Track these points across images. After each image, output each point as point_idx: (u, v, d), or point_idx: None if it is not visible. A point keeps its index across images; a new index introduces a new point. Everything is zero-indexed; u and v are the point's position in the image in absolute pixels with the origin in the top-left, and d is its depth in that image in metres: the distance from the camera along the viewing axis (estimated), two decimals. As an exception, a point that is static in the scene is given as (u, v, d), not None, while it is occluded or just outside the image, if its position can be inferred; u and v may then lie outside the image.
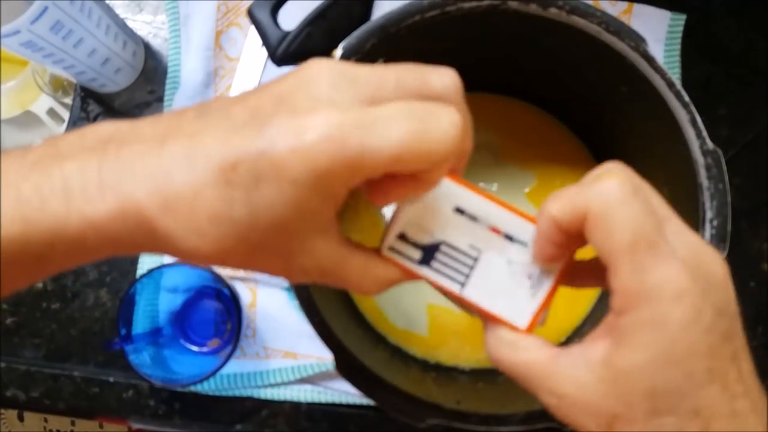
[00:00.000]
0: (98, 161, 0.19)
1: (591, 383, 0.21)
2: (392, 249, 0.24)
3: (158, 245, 0.20)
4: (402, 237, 0.24)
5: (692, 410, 0.20)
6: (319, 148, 0.18)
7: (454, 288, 0.24)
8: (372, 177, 0.19)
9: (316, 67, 0.20)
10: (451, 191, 0.23)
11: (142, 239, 0.20)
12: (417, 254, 0.24)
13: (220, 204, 0.19)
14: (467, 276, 0.24)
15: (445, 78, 0.21)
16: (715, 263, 0.21)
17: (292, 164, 0.18)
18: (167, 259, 0.50)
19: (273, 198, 0.19)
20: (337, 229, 0.22)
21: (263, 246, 0.20)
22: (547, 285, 0.24)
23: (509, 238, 0.24)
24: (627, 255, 0.20)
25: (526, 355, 0.23)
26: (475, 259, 0.24)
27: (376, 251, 0.24)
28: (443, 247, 0.24)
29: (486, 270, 0.24)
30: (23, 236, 0.19)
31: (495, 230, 0.24)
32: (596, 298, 0.49)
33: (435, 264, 0.24)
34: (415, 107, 0.19)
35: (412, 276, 0.24)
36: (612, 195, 0.20)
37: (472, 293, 0.24)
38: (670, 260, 0.20)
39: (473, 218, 0.24)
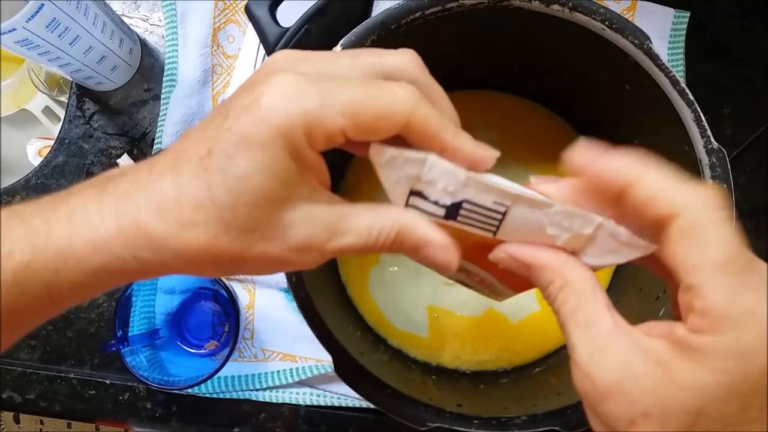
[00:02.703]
0: (99, 193, 0.21)
1: (641, 376, 0.20)
2: (412, 206, 0.23)
3: (158, 253, 0.21)
4: (419, 194, 0.22)
5: None
6: (278, 106, 0.19)
7: (487, 234, 0.23)
8: (332, 139, 0.20)
9: (272, 56, 0.22)
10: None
11: (143, 251, 0.21)
12: (441, 212, 0.23)
13: (201, 191, 0.20)
14: (497, 227, 0.23)
15: (398, 57, 0.22)
16: None
17: (255, 129, 0.19)
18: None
19: (247, 168, 0.20)
20: (327, 194, 0.22)
21: (252, 227, 0.20)
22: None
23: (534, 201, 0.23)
24: (718, 275, 0.19)
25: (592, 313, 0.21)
26: (503, 213, 0.22)
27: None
28: (466, 204, 0.22)
29: (517, 220, 0.22)
30: (32, 263, 0.21)
31: (518, 196, 0.22)
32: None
33: (460, 218, 0.23)
34: (368, 79, 0.21)
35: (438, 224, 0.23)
36: (713, 211, 0.20)
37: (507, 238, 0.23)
38: (760, 290, 0.19)
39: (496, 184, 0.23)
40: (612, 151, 0.21)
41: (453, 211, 0.22)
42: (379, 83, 0.21)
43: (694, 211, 0.20)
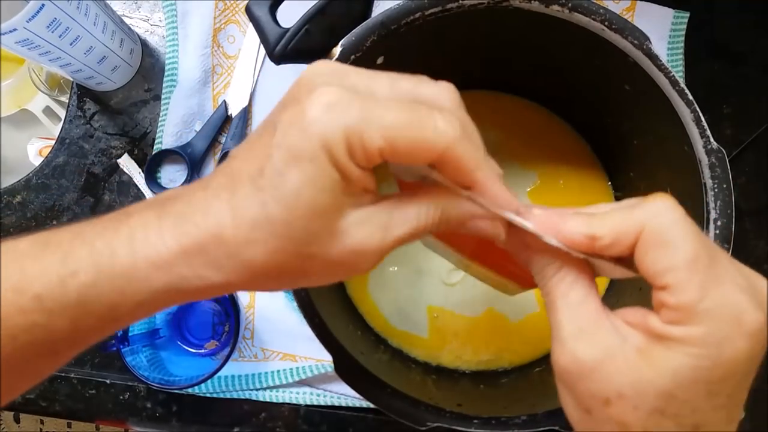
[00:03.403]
0: (158, 214, 0.22)
1: (619, 357, 0.21)
2: None
3: (219, 272, 0.21)
4: None
5: (693, 425, 0.21)
6: (323, 119, 0.20)
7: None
8: (370, 158, 0.20)
9: (311, 68, 0.22)
10: None
11: (205, 269, 0.21)
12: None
13: (256, 209, 0.21)
14: None
15: (437, 88, 0.22)
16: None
17: (303, 143, 0.20)
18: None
19: (298, 182, 0.20)
20: (371, 197, 0.22)
21: (309, 239, 0.21)
22: None
23: None
24: (687, 272, 0.20)
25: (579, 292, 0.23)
26: None
27: None
28: None
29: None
30: (96, 283, 0.22)
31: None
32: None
33: None
34: (414, 105, 0.21)
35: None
36: (669, 213, 0.21)
37: None
38: (730, 283, 0.20)
39: None
40: (561, 215, 0.23)
41: None
42: (424, 110, 0.21)
43: (657, 218, 0.21)
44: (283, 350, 0.51)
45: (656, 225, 0.21)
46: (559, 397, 0.24)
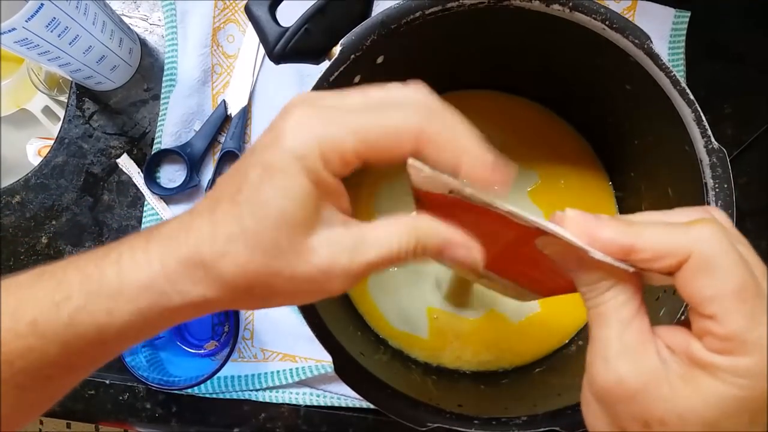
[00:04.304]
0: (146, 238, 0.23)
1: (664, 383, 0.21)
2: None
3: (197, 285, 0.22)
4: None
5: None
6: (293, 134, 0.21)
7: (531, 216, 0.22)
8: (347, 161, 0.21)
9: (291, 100, 0.23)
10: None
11: (183, 284, 0.22)
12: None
13: (232, 223, 0.21)
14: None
15: (404, 89, 0.23)
16: None
17: (277, 157, 0.21)
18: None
19: (270, 192, 0.21)
20: (344, 218, 0.23)
21: (277, 252, 0.21)
22: None
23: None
24: (735, 302, 0.20)
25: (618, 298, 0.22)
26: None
27: None
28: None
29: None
30: (86, 306, 0.22)
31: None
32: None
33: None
34: (378, 104, 0.22)
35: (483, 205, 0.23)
36: (717, 240, 0.21)
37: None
38: None
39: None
40: (597, 221, 0.22)
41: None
42: (388, 106, 0.22)
43: (700, 247, 0.21)
44: (282, 351, 0.51)
45: (705, 251, 0.20)
46: (588, 410, 0.23)
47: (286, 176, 0.21)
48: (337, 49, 0.37)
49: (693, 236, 0.21)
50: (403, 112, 0.21)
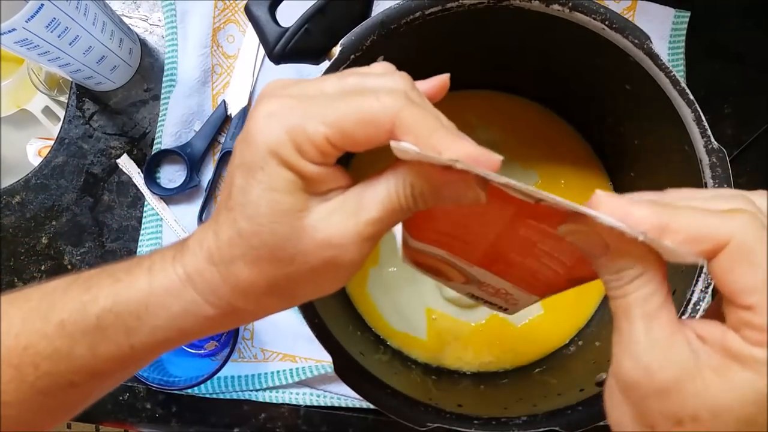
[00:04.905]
0: (174, 250, 0.24)
1: (697, 377, 0.20)
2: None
3: (221, 296, 0.23)
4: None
5: None
6: (264, 128, 0.21)
7: (528, 199, 0.21)
8: (322, 150, 0.21)
9: (264, 87, 0.23)
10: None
11: (210, 295, 0.23)
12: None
13: (229, 229, 0.22)
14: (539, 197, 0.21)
15: (382, 77, 0.22)
16: None
17: (253, 155, 0.21)
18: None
19: (257, 191, 0.21)
20: (340, 191, 0.22)
21: (280, 243, 0.22)
22: None
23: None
24: None
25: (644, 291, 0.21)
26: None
27: None
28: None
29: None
30: (114, 307, 0.23)
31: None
32: (600, 299, 0.49)
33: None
34: (352, 92, 0.22)
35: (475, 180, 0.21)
36: (758, 229, 0.20)
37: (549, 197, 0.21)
38: None
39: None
40: (630, 201, 0.21)
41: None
42: (363, 92, 0.21)
43: (741, 236, 0.20)
44: (282, 351, 0.51)
45: (745, 240, 0.20)
46: (612, 405, 0.22)
47: (265, 172, 0.21)
48: (337, 50, 0.37)
49: (733, 223, 0.20)
50: (378, 100, 0.21)
